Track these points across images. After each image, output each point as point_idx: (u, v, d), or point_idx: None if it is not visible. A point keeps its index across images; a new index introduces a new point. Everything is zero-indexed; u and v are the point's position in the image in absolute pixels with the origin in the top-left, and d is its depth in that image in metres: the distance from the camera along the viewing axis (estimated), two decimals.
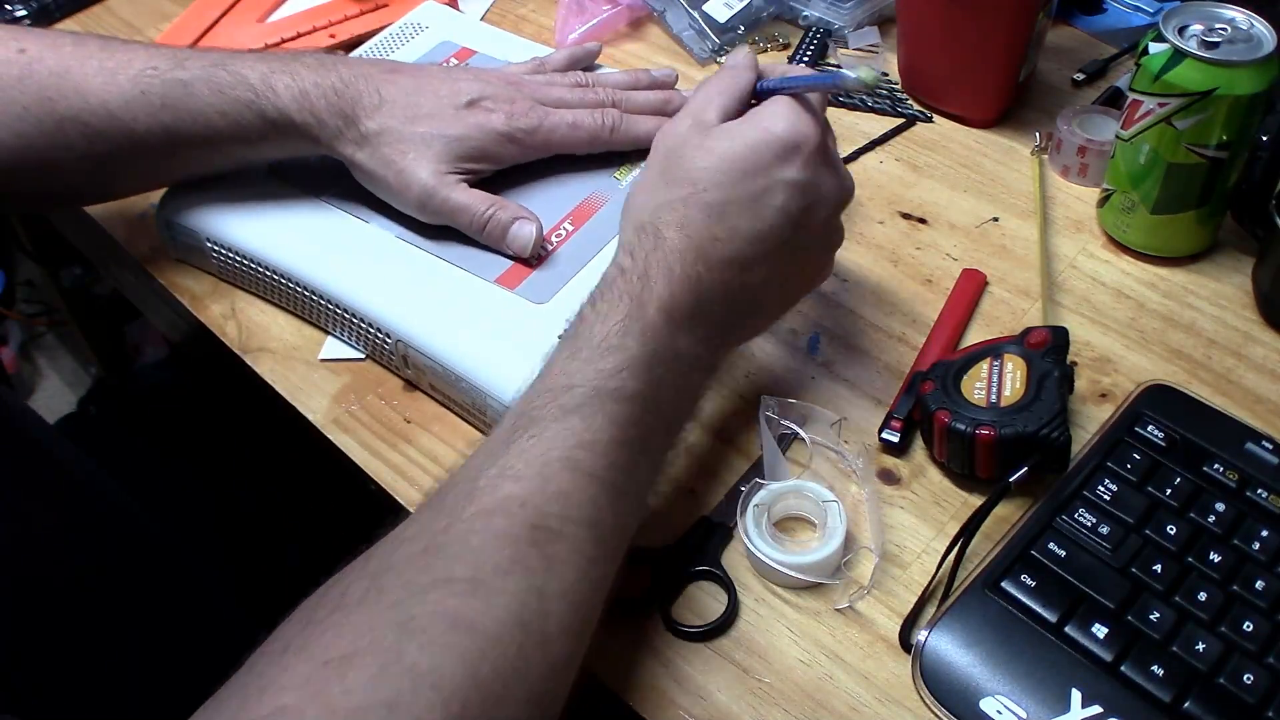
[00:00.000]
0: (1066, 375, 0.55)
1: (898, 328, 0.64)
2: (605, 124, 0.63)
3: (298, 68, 0.60)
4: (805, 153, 0.50)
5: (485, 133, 0.60)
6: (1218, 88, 0.57)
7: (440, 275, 0.61)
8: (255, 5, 0.93)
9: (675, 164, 0.51)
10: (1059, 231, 0.69)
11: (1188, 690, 0.46)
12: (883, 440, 0.57)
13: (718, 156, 0.50)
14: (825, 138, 0.53)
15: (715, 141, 0.51)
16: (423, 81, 0.61)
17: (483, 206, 0.59)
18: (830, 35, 0.85)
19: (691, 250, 0.49)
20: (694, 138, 0.51)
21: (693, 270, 0.48)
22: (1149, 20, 0.84)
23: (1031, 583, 0.49)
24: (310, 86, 0.59)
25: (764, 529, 0.52)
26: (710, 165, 0.50)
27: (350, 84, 0.59)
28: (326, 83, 0.59)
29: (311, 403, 0.62)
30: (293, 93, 0.59)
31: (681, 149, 0.51)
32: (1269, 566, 0.49)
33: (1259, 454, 0.53)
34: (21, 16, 0.95)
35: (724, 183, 0.49)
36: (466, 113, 0.60)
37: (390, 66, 0.63)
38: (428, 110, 0.60)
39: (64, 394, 1.59)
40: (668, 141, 0.53)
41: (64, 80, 0.58)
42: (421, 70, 0.63)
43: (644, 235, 0.49)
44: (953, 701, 0.47)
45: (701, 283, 0.49)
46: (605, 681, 0.49)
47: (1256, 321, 0.63)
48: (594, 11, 0.86)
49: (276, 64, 0.60)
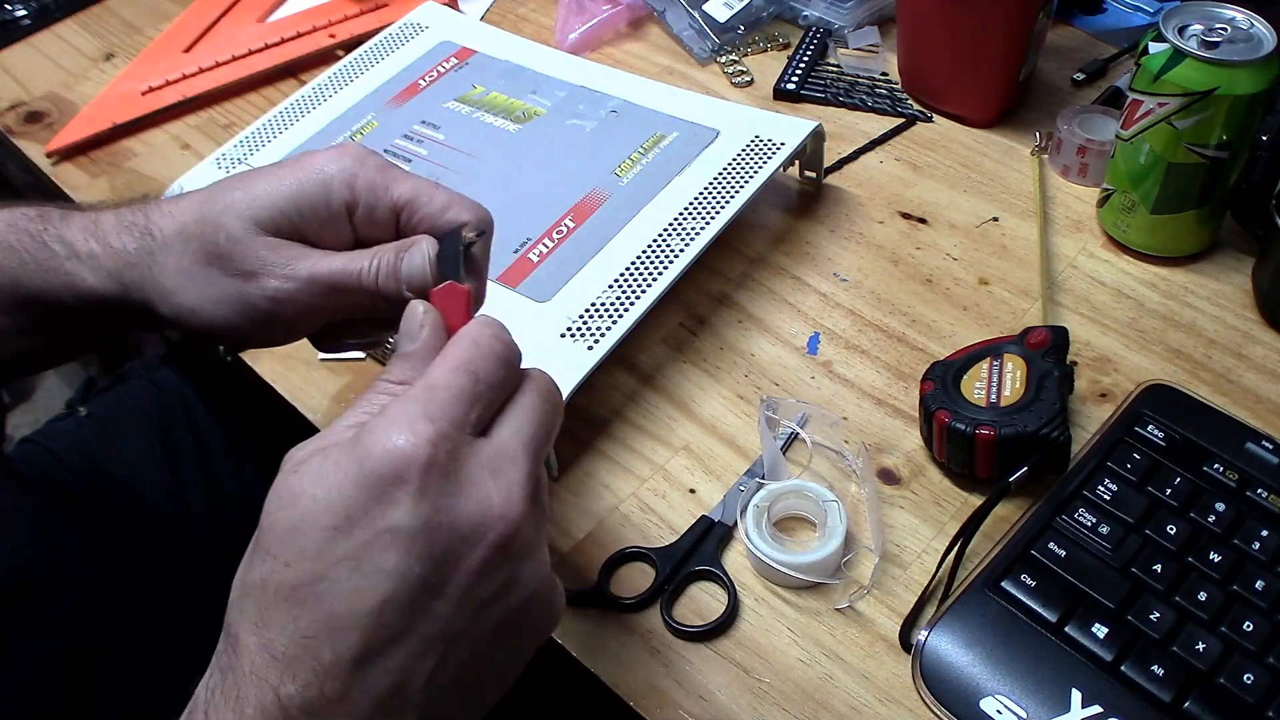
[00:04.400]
0: (1066, 375, 0.55)
1: (898, 328, 0.64)
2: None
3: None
4: (415, 480, 0.34)
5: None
6: (1218, 87, 0.57)
7: None
8: (255, 5, 0.93)
9: (265, 518, 0.36)
10: (1059, 231, 0.69)
11: (1188, 690, 0.46)
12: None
13: (299, 510, 0.35)
14: (461, 444, 0.36)
15: (295, 482, 0.35)
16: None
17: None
18: (830, 35, 0.85)
19: (273, 666, 0.34)
20: (282, 478, 0.36)
21: (272, 698, 0.33)
22: (1149, 20, 0.84)
23: (1031, 582, 0.49)
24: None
25: (764, 529, 0.52)
26: (291, 523, 0.35)
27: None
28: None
29: (312, 403, 0.62)
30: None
31: (272, 493, 0.36)
32: (1269, 566, 0.49)
33: (1259, 454, 0.53)
34: (21, 16, 0.95)
35: (307, 551, 0.34)
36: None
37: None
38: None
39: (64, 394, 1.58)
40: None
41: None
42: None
43: (226, 636, 0.35)
44: (953, 701, 0.46)
45: (292, 711, 0.33)
46: (605, 681, 0.49)
47: (1256, 321, 0.63)
48: (594, 11, 0.86)
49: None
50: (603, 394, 0.61)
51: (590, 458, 0.58)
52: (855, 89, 0.80)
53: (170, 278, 0.47)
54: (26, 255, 0.49)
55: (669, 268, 0.60)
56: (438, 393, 0.36)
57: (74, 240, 0.49)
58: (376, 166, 0.46)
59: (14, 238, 0.49)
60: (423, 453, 0.35)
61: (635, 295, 0.59)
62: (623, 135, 0.70)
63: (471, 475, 0.36)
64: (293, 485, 0.35)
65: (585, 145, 0.70)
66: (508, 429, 0.38)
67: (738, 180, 0.65)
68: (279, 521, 0.35)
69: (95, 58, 0.92)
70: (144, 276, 0.47)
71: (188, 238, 0.46)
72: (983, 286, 0.66)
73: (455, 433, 0.36)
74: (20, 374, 0.55)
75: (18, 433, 0.80)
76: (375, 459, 0.34)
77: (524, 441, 0.38)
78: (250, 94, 0.86)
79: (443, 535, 0.35)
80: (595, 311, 0.58)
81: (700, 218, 0.63)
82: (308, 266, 0.45)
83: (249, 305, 0.46)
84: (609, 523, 0.55)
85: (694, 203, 0.64)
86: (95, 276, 0.48)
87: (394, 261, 0.44)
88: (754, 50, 0.85)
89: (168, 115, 0.84)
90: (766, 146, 0.67)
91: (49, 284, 0.49)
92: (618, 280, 0.60)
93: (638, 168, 0.67)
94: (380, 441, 0.35)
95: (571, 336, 0.57)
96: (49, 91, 0.88)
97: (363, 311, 0.45)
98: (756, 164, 0.66)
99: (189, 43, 0.90)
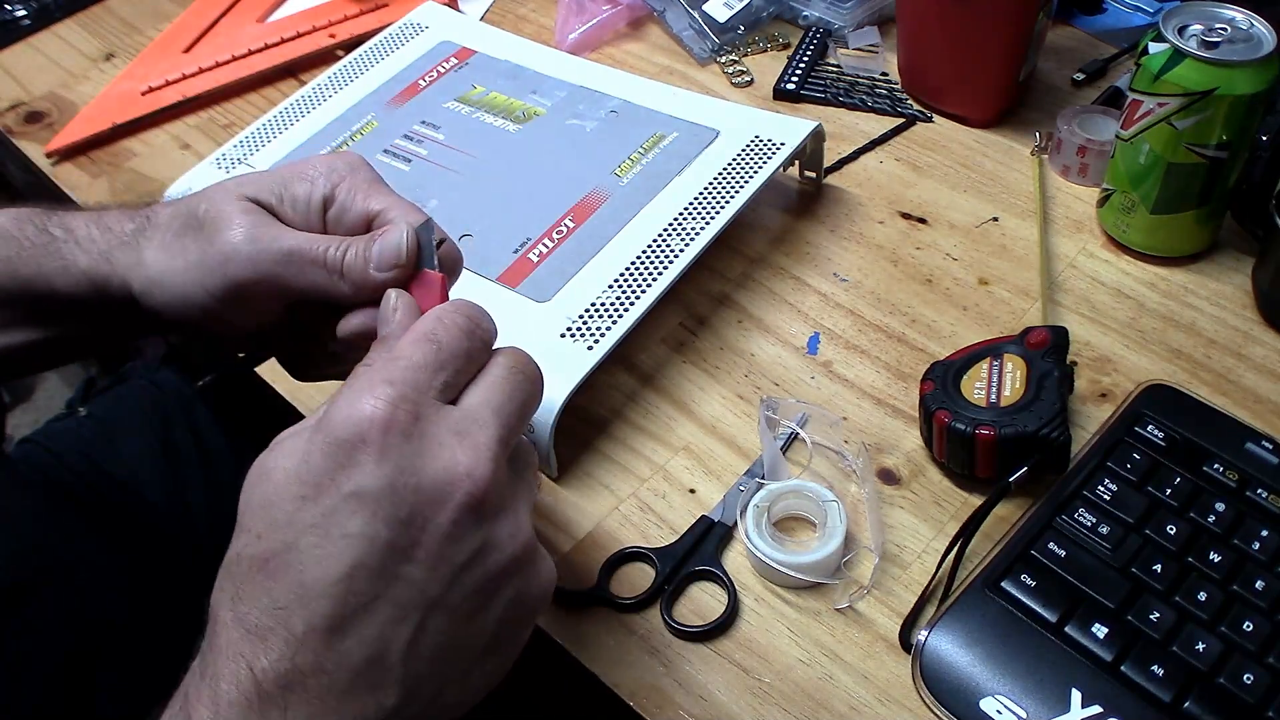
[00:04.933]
0: (1066, 375, 0.55)
1: (898, 328, 0.64)
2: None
3: None
4: (376, 441, 0.35)
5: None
6: (1218, 88, 0.57)
7: None
8: (255, 5, 0.93)
9: (242, 495, 0.36)
10: (1059, 231, 0.69)
11: (1188, 690, 0.46)
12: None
13: (271, 483, 0.35)
14: (424, 406, 0.36)
15: (268, 458, 0.36)
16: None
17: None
18: (830, 35, 0.85)
19: (246, 641, 0.33)
20: (258, 458, 0.37)
21: (247, 673, 0.33)
22: (1149, 20, 0.84)
23: (1031, 583, 0.49)
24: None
25: (764, 529, 0.52)
26: (262, 496, 0.35)
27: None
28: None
29: (312, 403, 0.62)
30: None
31: (250, 472, 0.37)
32: (1269, 566, 0.49)
33: (1259, 454, 0.53)
34: (21, 16, 0.95)
35: (278, 521, 0.34)
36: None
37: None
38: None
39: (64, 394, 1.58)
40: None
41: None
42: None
43: (209, 619, 0.35)
44: (953, 701, 0.46)
45: (267, 686, 0.33)
46: (605, 681, 0.49)
47: (1256, 321, 0.63)
48: (594, 11, 0.86)
49: None
50: (603, 394, 0.61)
51: (590, 458, 0.58)
52: (855, 89, 0.80)
53: (150, 252, 0.48)
54: (26, 242, 0.49)
55: (669, 268, 0.60)
56: (399, 360, 0.37)
57: (75, 226, 0.50)
58: (365, 177, 0.47)
59: (17, 229, 0.50)
60: (381, 413, 0.35)
61: (635, 295, 0.59)
62: (623, 135, 0.70)
63: (437, 437, 0.36)
64: (265, 462, 0.36)
65: (585, 145, 0.70)
66: (475, 396, 0.38)
67: (738, 180, 0.65)
68: (254, 497, 0.36)
69: (95, 58, 0.92)
70: (131, 255, 0.48)
71: (175, 215, 0.48)
72: (983, 286, 0.66)
73: (416, 395, 0.36)
74: (14, 374, 0.55)
75: (18, 433, 0.80)
76: (337, 425, 0.35)
77: (493, 408, 0.38)
78: (250, 94, 0.86)
79: (408, 496, 0.35)
80: (595, 311, 0.58)
81: (700, 218, 0.63)
82: (272, 233, 0.45)
83: (209, 270, 0.45)
84: (609, 523, 0.56)
85: (694, 203, 0.64)
86: (88, 257, 0.49)
87: (364, 245, 0.44)
88: (754, 50, 0.85)
89: (168, 115, 0.84)
90: (766, 146, 0.67)
91: (44, 269, 0.49)
92: (618, 280, 0.60)
93: (638, 168, 0.67)
94: (342, 409, 0.35)
95: (571, 336, 0.57)
96: (49, 91, 0.88)
97: (318, 293, 0.45)
98: (756, 164, 0.66)
99: (189, 43, 0.90)
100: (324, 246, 0.45)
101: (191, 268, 0.46)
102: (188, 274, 0.46)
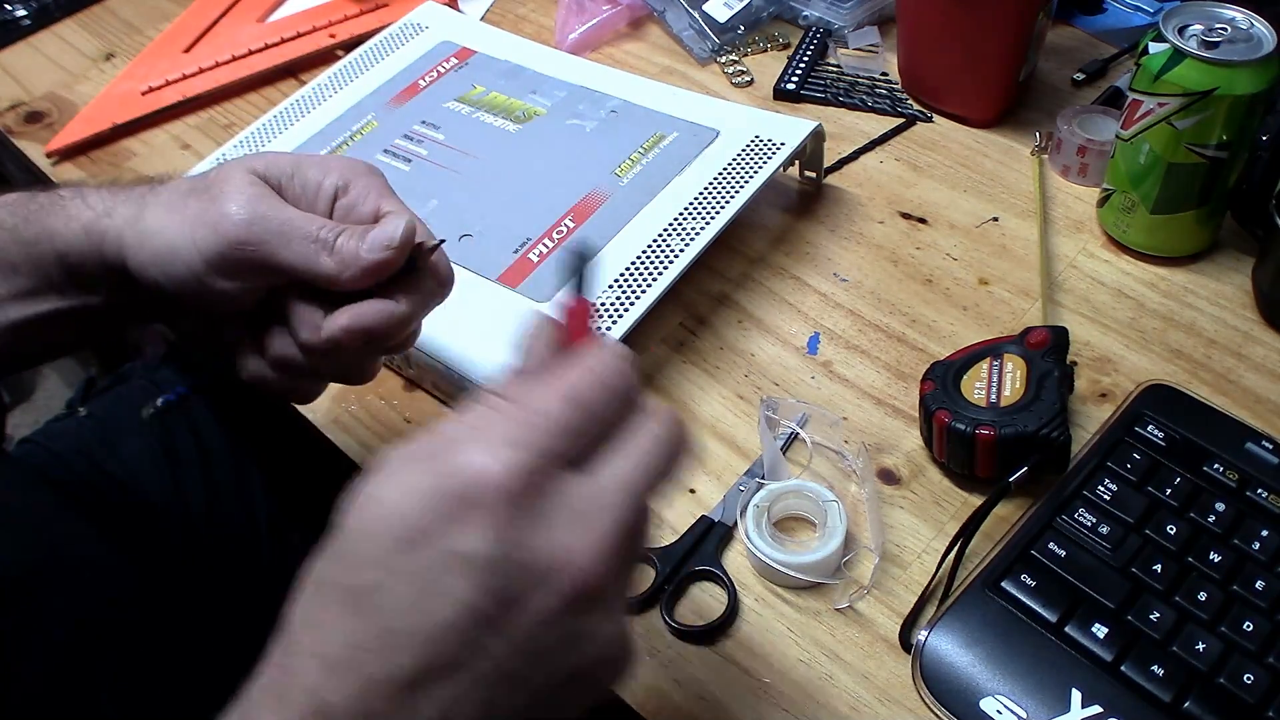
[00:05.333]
0: (1066, 375, 0.55)
1: (898, 328, 0.64)
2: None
3: None
4: (490, 507, 0.32)
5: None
6: (1218, 87, 0.57)
7: None
8: (255, 5, 0.93)
9: (341, 516, 0.34)
10: (1059, 231, 0.69)
11: (1188, 690, 0.46)
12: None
13: (374, 515, 0.33)
14: (552, 478, 0.33)
15: (375, 485, 0.33)
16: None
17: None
18: (830, 35, 0.85)
19: (322, 672, 0.32)
20: (363, 479, 0.34)
21: (316, 701, 0.32)
22: (1149, 20, 0.84)
23: (1031, 583, 0.49)
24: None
25: (764, 529, 0.52)
26: (362, 525, 0.33)
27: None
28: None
29: (314, 403, 0.62)
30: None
31: (352, 492, 0.34)
32: (1269, 566, 0.49)
33: (1259, 454, 0.53)
34: (21, 16, 0.95)
35: (376, 557, 0.32)
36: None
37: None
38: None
39: (64, 394, 1.58)
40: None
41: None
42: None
43: (283, 629, 0.34)
44: (953, 701, 0.46)
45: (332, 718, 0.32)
46: None
47: (1256, 321, 0.63)
48: (594, 11, 0.86)
49: None
50: None
51: None
52: (855, 89, 0.80)
53: (151, 209, 0.48)
54: (34, 205, 0.51)
55: (669, 268, 0.60)
56: (535, 419, 0.33)
57: (87, 190, 0.51)
58: (380, 183, 0.48)
59: (29, 196, 0.51)
60: (505, 481, 0.32)
61: (635, 295, 0.59)
62: (623, 135, 0.70)
63: (557, 515, 0.33)
64: (369, 488, 0.33)
65: (585, 145, 0.70)
66: (610, 469, 0.34)
67: (738, 180, 0.65)
68: (355, 522, 0.33)
69: (95, 58, 0.92)
70: (133, 209, 0.49)
71: (186, 181, 0.49)
72: (983, 286, 0.66)
73: (547, 465, 0.33)
74: (39, 353, 0.55)
75: (18, 433, 0.80)
76: (452, 476, 0.32)
77: (625, 485, 0.34)
78: (250, 94, 0.86)
79: (513, 572, 0.32)
80: (595, 312, 0.58)
81: (700, 218, 0.63)
82: (274, 204, 0.46)
83: (203, 225, 0.45)
84: None
85: (694, 203, 0.64)
86: (91, 213, 0.49)
87: (360, 230, 0.45)
88: (754, 50, 0.85)
89: (168, 115, 0.84)
90: (766, 146, 0.67)
91: (48, 226, 0.49)
92: (618, 280, 0.60)
93: (638, 168, 0.67)
94: (461, 459, 0.32)
95: None
96: (49, 91, 0.88)
97: (305, 270, 0.45)
98: (756, 164, 0.66)
99: (189, 43, 0.90)
100: (320, 225, 0.45)
101: (187, 222, 0.46)
102: (181, 228, 0.46)
